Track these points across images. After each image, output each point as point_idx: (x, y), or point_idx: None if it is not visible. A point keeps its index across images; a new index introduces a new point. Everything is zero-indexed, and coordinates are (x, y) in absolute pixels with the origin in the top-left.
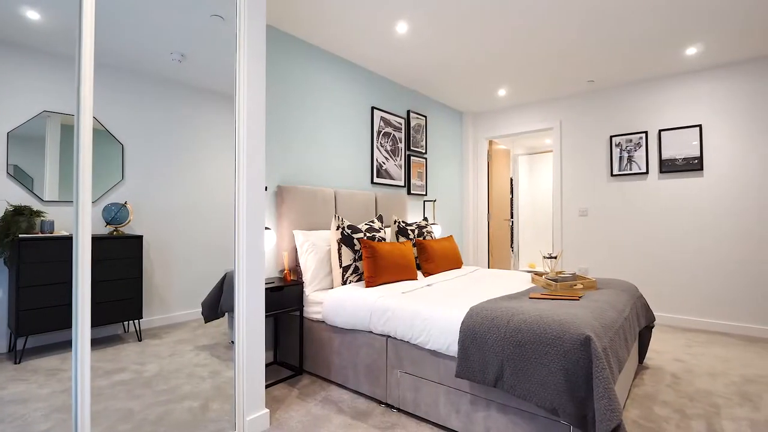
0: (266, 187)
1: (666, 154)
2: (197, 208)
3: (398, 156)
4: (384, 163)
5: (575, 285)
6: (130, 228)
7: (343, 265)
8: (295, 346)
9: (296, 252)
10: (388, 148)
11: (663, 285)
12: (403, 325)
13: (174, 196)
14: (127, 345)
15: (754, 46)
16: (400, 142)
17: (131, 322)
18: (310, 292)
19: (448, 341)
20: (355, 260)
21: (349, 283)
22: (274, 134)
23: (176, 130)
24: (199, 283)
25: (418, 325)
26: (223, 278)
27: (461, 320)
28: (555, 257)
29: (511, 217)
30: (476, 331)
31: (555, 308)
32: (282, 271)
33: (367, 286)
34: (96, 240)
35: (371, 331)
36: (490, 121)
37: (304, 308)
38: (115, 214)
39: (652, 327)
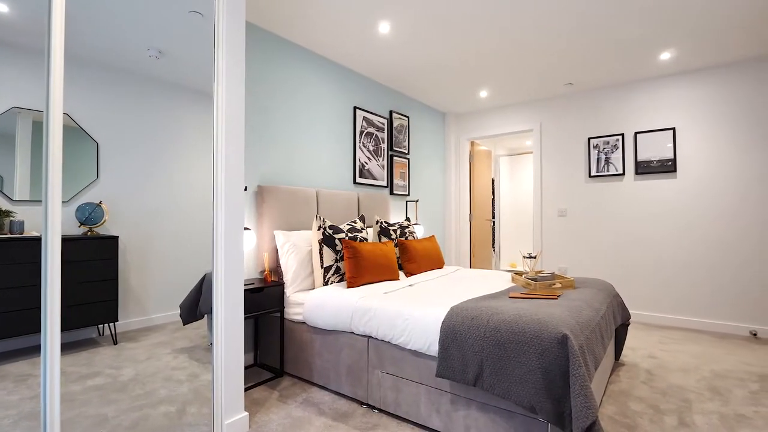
0: (246, 187)
1: (641, 156)
2: (176, 208)
3: (381, 156)
4: (366, 163)
5: (554, 284)
6: (105, 228)
7: (324, 266)
8: (276, 347)
9: (277, 253)
10: (371, 148)
11: (638, 283)
12: (385, 326)
13: (151, 195)
14: (102, 348)
15: (724, 53)
16: (383, 143)
17: (107, 325)
18: (291, 293)
19: (428, 341)
20: (336, 261)
21: (331, 283)
22: (254, 133)
23: (153, 129)
24: (177, 285)
25: (399, 325)
26: (202, 279)
27: (442, 320)
28: (534, 257)
29: (493, 218)
30: (456, 330)
31: (533, 307)
32: (262, 272)
33: (348, 287)
34: (69, 241)
35: (353, 332)
36: (472, 122)
37: (285, 309)
38: (90, 214)
39: (628, 325)
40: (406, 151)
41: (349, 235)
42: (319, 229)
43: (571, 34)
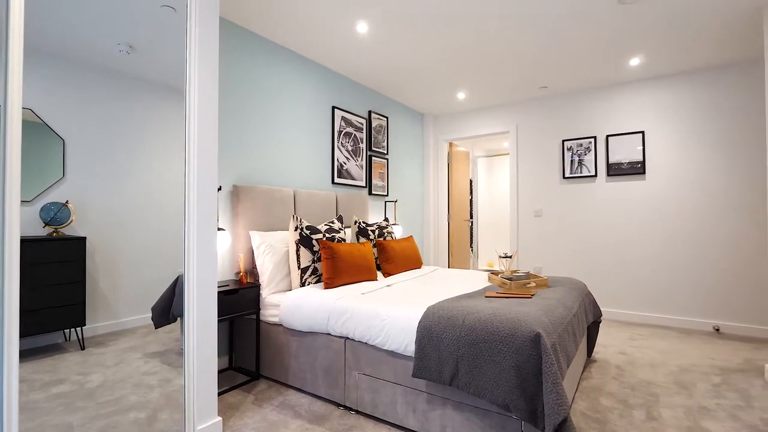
0: (220, 187)
1: (613, 159)
2: (147, 207)
3: (359, 156)
4: (345, 163)
5: (528, 283)
6: (72, 229)
7: (301, 267)
8: (252, 350)
9: (253, 254)
10: (349, 148)
11: (610, 282)
12: (362, 327)
13: (121, 195)
14: (69, 354)
15: (690, 61)
16: (362, 143)
17: (73, 329)
18: (267, 295)
19: (405, 341)
20: (314, 261)
21: (308, 284)
22: (229, 132)
23: (124, 125)
24: (149, 287)
25: (376, 326)
26: (176, 281)
27: (418, 320)
28: (510, 257)
29: (471, 218)
30: (433, 330)
31: (508, 306)
32: (238, 273)
33: (326, 288)
34: (32, 242)
35: (329, 333)
36: (451, 124)
37: (261, 311)
38: (55, 214)
39: (600, 322)
40: (385, 152)
41: (327, 235)
42: (296, 230)
43: (545, 38)
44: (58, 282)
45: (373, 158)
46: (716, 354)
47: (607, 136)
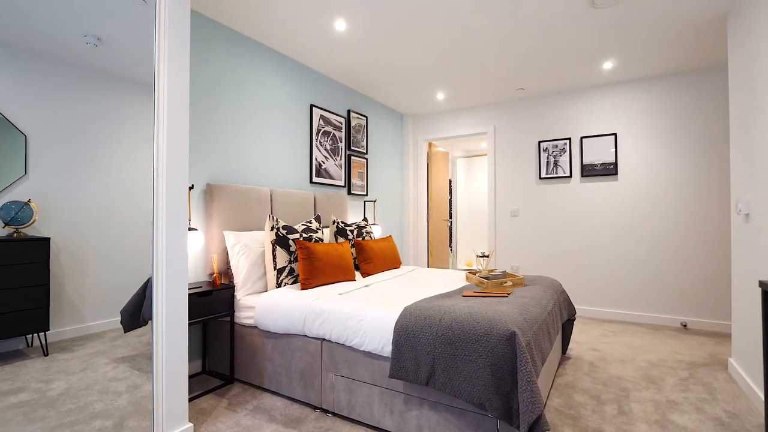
0: (192, 186)
1: (587, 160)
2: (117, 206)
3: (338, 155)
4: (323, 163)
5: (505, 282)
6: (35, 229)
7: (277, 267)
8: (226, 353)
9: (227, 254)
10: (328, 147)
11: (584, 280)
12: (339, 328)
13: (88, 193)
14: (30, 361)
15: (659, 65)
16: (341, 142)
17: (36, 335)
18: (242, 296)
19: (382, 342)
20: (290, 262)
21: (284, 285)
22: (203, 129)
23: (91, 121)
24: (118, 290)
25: (353, 327)
26: (146, 283)
27: (395, 320)
28: (487, 256)
29: (450, 218)
30: (409, 330)
31: (484, 306)
32: (211, 274)
33: (302, 289)
34: None
35: (305, 335)
36: (430, 124)
37: (235, 313)
38: (16, 214)
39: (574, 320)
40: (365, 151)
41: (304, 235)
42: (272, 230)
43: (523, 40)
44: (19, 285)
45: (352, 158)
46: (683, 349)
47: (582, 137)
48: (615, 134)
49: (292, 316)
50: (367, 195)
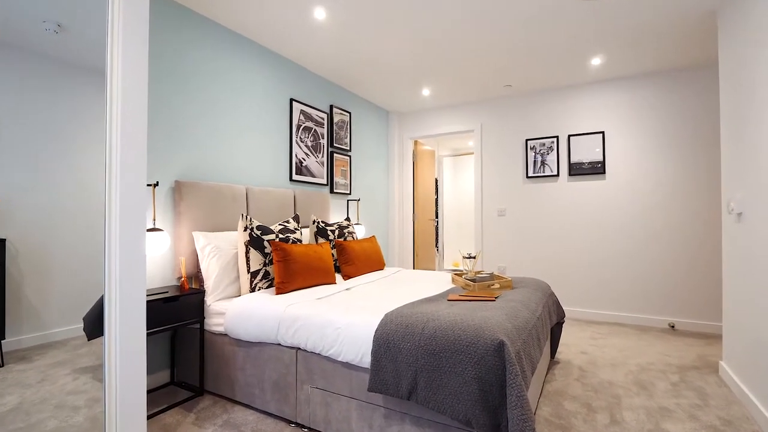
0: (157, 183)
1: (574, 158)
2: (80, 205)
3: (320, 152)
4: (304, 160)
5: (492, 285)
6: None
7: (251, 271)
8: (196, 363)
9: (197, 257)
10: (309, 143)
11: (572, 281)
12: (315, 336)
13: (49, 192)
14: None
15: (647, 62)
16: (322, 138)
17: None
18: (212, 302)
19: (361, 351)
20: (265, 264)
21: (258, 290)
22: (173, 122)
23: (52, 114)
24: (82, 294)
25: (330, 335)
26: None
27: (375, 328)
28: (474, 257)
29: (436, 217)
30: (390, 340)
31: (471, 311)
32: (180, 278)
33: (277, 293)
34: None
35: (279, 344)
36: (416, 122)
37: (206, 320)
38: None
39: (563, 323)
40: (348, 148)
41: (281, 236)
42: (245, 230)
43: (508, 35)
44: None
45: (334, 155)
46: (672, 351)
47: (569, 135)
48: (603, 132)
49: (265, 323)
50: (350, 194)
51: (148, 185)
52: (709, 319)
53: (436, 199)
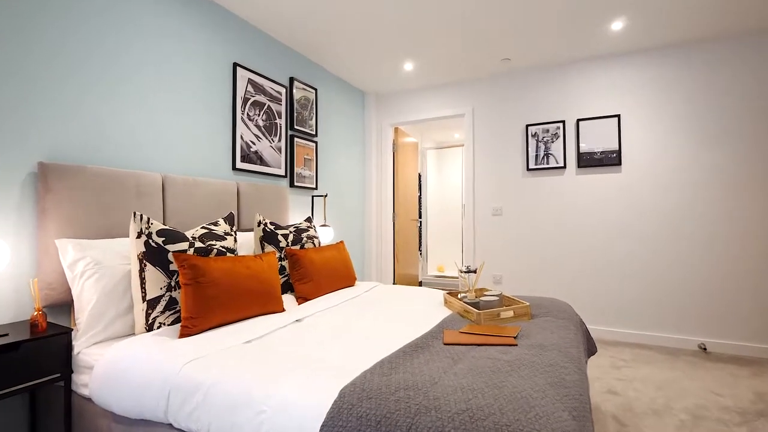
0: None
1: (584, 147)
2: None
3: (276, 135)
4: (253, 143)
5: (504, 313)
6: None
7: (147, 299)
8: None
9: (66, 277)
10: (261, 123)
11: (581, 293)
12: (220, 422)
13: None
14: None
15: (679, 30)
16: (279, 118)
17: None
18: (83, 348)
19: None
20: (170, 288)
21: (159, 327)
22: (32, 73)
23: None
24: None
25: (244, 425)
26: None
27: (322, 422)
28: (474, 271)
29: (420, 218)
30: None
31: (490, 376)
32: (41, 311)
33: (182, 335)
34: None
35: (172, 425)
36: (397, 105)
37: (74, 376)
38: None
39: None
40: (314, 133)
41: (198, 244)
42: (139, 236)
43: None
44: None
45: (296, 140)
46: (719, 386)
47: (578, 120)
48: (618, 116)
49: (146, 392)
50: (316, 188)
51: None
52: (744, 339)
53: (420, 197)
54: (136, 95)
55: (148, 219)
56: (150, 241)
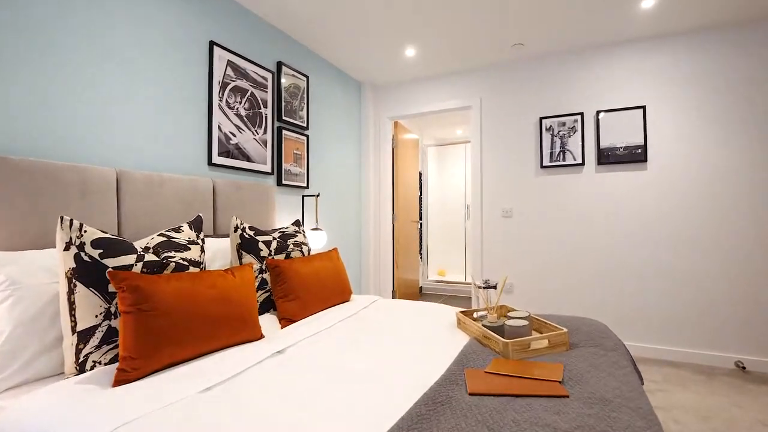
0: None
1: (605, 142)
2: None
3: (260, 127)
4: (233, 135)
5: (535, 342)
6: None
7: (79, 329)
8: None
9: None
10: (242, 111)
11: (599, 304)
12: None
13: None
14: None
15: (719, 10)
16: (264, 107)
17: None
18: None
19: None
20: (109, 315)
21: (93, 367)
22: None
23: None
24: None
25: None
26: None
27: None
28: (494, 287)
29: (420, 219)
30: None
31: None
32: None
33: (117, 382)
34: None
35: None
36: (397, 96)
37: None
38: None
39: None
40: (305, 125)
41: (150, 257)
42: (67, 249)
43: None
44: None
45: (284, 132)
46: None
47: (598, 112)
48: (644, 107)
49: None
50: (307, 187)
51: None
52: None
53: (420, 197)
54: (87, 74)
55: (81, 225)
56: (81, 254)
